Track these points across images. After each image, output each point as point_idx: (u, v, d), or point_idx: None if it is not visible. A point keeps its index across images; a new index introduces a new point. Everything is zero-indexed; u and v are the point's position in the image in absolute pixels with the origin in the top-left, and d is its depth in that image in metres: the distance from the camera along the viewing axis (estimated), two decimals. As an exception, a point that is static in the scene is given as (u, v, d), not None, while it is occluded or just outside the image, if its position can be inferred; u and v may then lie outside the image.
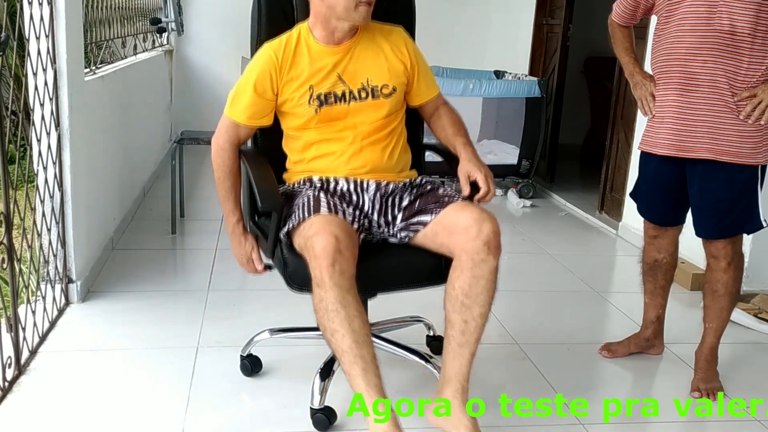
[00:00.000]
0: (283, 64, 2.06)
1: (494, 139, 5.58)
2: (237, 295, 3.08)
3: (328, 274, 1.78)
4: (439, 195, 2.05)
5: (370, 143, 2.10)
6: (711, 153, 2.25)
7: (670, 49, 2.28)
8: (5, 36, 2.16)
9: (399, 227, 2.05)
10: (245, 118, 2.09)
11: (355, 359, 1.80)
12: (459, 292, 1.89)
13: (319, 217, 1.90)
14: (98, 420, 2.08)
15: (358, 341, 1.81)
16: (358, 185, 2.08)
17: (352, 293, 1.82)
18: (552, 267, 3.67)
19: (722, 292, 2.38)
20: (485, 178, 2.02)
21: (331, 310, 1.80)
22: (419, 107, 2.25)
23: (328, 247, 1.79)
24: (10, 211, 2.21)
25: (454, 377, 1.91)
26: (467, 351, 1.91)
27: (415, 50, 2.19)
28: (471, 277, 1.87)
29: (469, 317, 1.89)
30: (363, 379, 1.81)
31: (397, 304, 2.61)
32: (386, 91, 2.11)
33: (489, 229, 1.87)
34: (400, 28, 2.20)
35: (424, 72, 2.21)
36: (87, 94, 3.01)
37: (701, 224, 2.36)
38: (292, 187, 2.14)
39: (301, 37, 2.09)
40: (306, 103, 2.06)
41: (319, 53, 2.08)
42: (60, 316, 2.73)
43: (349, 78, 2.08)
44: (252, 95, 2.07)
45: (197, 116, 5.89)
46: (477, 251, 1.86)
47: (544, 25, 5.55)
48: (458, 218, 1.92)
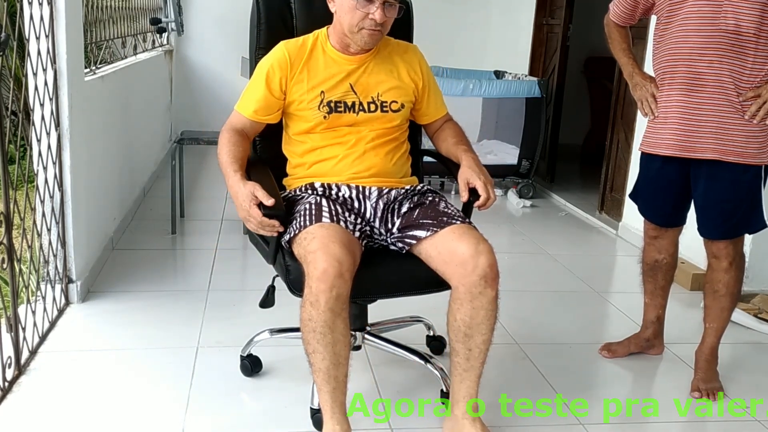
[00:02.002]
0: (295, 63, 2.07)
1: (494, 139, 5.58)
2: (237, 295, 3.08)
3: (324, 299, 1.77)
4: (439, 211, 2.01)
5: (373, 147, 2.10)
6: (716, 153, 2.24)
7: (674, 49, 2.27)
8: (5, 36, 2.16)
9: (395, 236, 2.03)
10: (251, 112, 2.09)
11: (328, 379, 1.86)
12: (461, 323, 1.90)
13: (320, 227, 1.87)
14: (98, 420, 2.08)
15: (336, 363, 1.84)
16: (360, 192, 2.07)
17: (342, 316, 1.82)
18: (552, 267, 3.67)
19: (723, 292, 2.38)
20: (484, 185, 2.02)
21: (318, 332, 1.80)
22: (426, 125, 2.28)
23: (329, 270, 1.77)
24: (10, 211, 2.21)
25: (463, 399, 1.96)
26: (473, 374, 1.95)
27: (428, 71, 2.22)
28: (471, 309, 1.88)
29: (472, 345, 1.92)
30: (331, 396, 1.87)
31: (397, 305, 2.61)
32: (395, 107, 2.12)
33: (485, 263, 1.86)
34: (416, 47, 2.23)
35: (435, 92, 2.24)
36: (87, 94, 3.01)
37: (706, 224, 2.36)
38: (293, 194, 2.11)
39: (318, 42, 2.11)
40: (316, 108, 2.07)
41: (334, 60, 2.09)
42: (60, 316, 2.73)
43: (361, 90, 2.09)
44: (260, 90, 2.07)
45: (197, 116, 5.90)
46: (474, 285, 1.86)
47: (544, 25, 5.55)
48: (455, 248, 1.89)
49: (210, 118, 5.53)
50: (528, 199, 4.98)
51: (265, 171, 2.07)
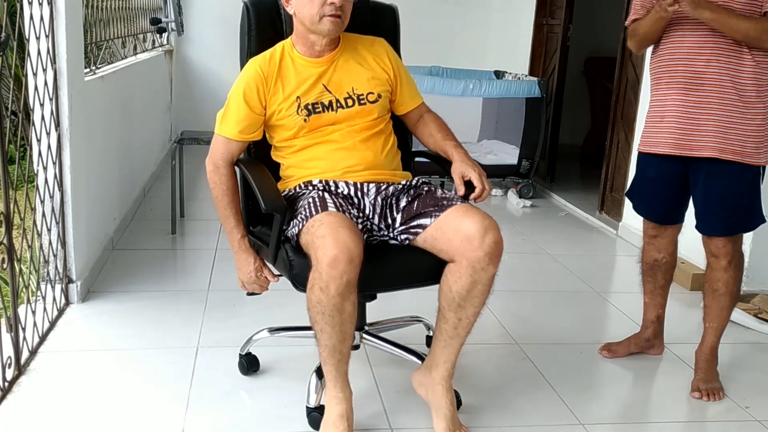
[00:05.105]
0: (268, 77, 2.10)
1: (494, 139, 5.59)
2: (237, 295, 3.06)
3: (335, 285, 1.80)
4: (437, 197, 2.05)
5: (361, 141, 2.12)
6: (714, 151, 2.25)
7: (671, 48, 2.28)
8: (5, 36, 2.16)
9: (399, 230, 2.05)
10: (236, 132, 2.10)
11: (333, 353, 1.92)
12: (456, 294, 1.92)
13: (328, 215, 1.90)
14: (98, 420, 2.08)
15: (342, 339, 1.90)
16: (359, 189, 2.09)
17: (351, 299, 1.85)
18: (552, 267, 3.67)
19: (722, 291, 2.38)
20: (479, 176, 2.04)
21: (327, 315, 1.84)
22: (404, 116, 2.29)
23: (340, 257, 1.78)
24: (10, 211, 2.21)
25: (443, 364, 2.02)
26: (457, 343, 2.00)
27: (396, 60, 2.24)
28: (470, 283, 1.90)
29: (463, 316, 1.95)
30: (335, 368, 1.94)
31: (397, 305, 2.61)
32: (372, 98, 2.15)
33: (492, 240, 1.88)
34: (382, 40, 2.25)
35: (407, 81, 2.25)
36: (87, 94, 3.01)
37: (705, 221, 2.36)
38: (293, 191, 2.12)
39: (285, 52, 2.14)
40: (294, 113, 2.09)
41: (303, 66, 2.12)
42: (60, 317, 2.73)
43: (335, 88, 2.12)
44: (241, 110, 2.09)
45: (197, 116, 5.89)
46: (478, 261, 1.88)
47: (544, 25, 5.55)
48: (460, 225, 1.92)
49: (210, 118, 5.47)
50: (528, 199, 4.98)
51: (263, 170, 2.09)
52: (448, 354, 2.01)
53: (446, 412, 2.02)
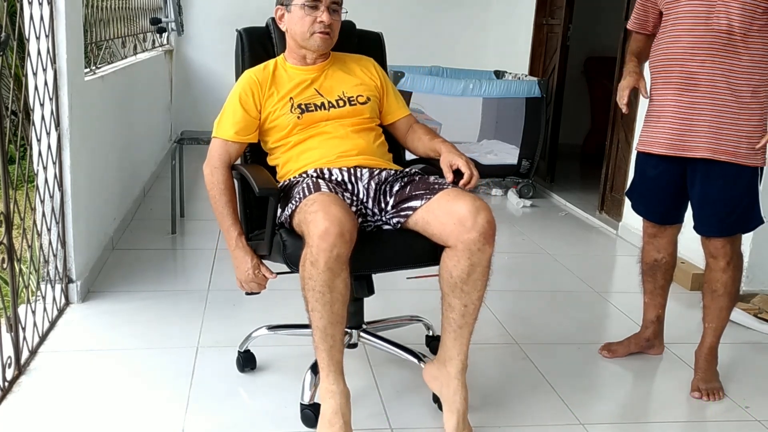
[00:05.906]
0: (263, 83, 2.22)
1: (494, 139, 5.59)
2: (237, 295, 3.07)
3: (324, 259, 1.81)
4: (429, 182, 2.09)
5: (354, 131, 2.22)
6: (709, 152, 2.25)
7: (667, 49, 2.28)
8: (5, 36, 2.16)
9: (390, 213, 2.09)
10: (233, 133, 2.19)
11: (325, 337, 1.91)
12: (457, 279, 1.94)
13: (320, 194, 1.94)
14: (98, 420, 2.08)
15: (333, 322, 1.89)
16: (352, 174, 2.14)
17: (342, 276, 1.86)
18: (552, 267, 3.67)
19: (721, 291, 2.38)
20: (466, 163, 2.10)
21: (318, 291, 1.85)
22: (392, 126, 2.38)
23: (330, 229, 1.80)
24: (10, 211, 2.21)
25: (457, 356, 2.01)
26: (467, 331, 2.00)
27: (383, 74, 2.39)
28: (469, 265, 1.92)
29: (468, 301, 1.96)
30: (328, 354, 1.92)
31: (397, 304, 2.61)
32: (362, 100, 2.27)
33: (484, 220, 1.91)
34: (370, 58, 2.41)
35: (394, 93, 2.39)
36: (87, 94, 3.01)
37: (703, 222, 2.36)
38: (288, 182, 2.18)
39: (278, 65, 2.28)
40: (288, 112, 2.20)
41: (296, 73, 2.26)
42: (60, 316, 2.73)
43: (326, 92, 2.25)
44: (237, 113, 2.20)
45: (197, 116, 5.90)
46: (473, 242, 1.90)
47: (544, 25, 5.55)
48: (451, 208, 1.95)
49: (210, 118, 5.48)
50: (528, 199, 4.98)
51: (258, 166, 2.19)
52: (461, 345, 2.00)
53: (459, 407, 1.99)
